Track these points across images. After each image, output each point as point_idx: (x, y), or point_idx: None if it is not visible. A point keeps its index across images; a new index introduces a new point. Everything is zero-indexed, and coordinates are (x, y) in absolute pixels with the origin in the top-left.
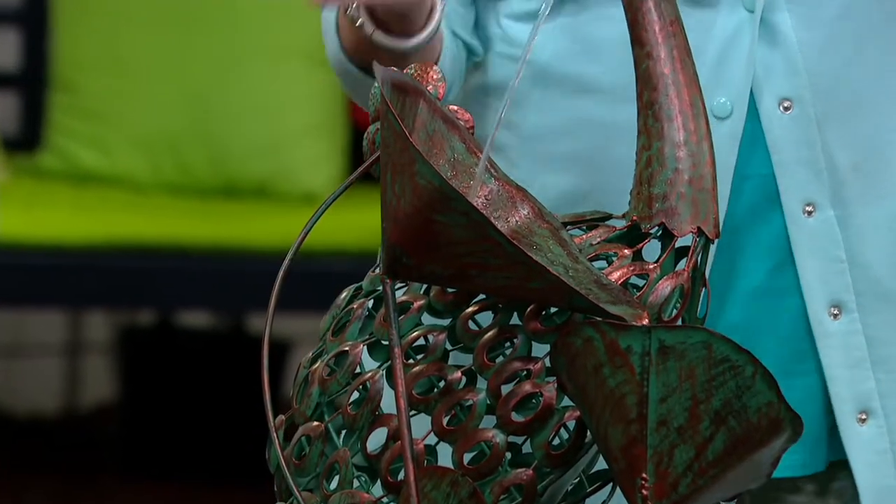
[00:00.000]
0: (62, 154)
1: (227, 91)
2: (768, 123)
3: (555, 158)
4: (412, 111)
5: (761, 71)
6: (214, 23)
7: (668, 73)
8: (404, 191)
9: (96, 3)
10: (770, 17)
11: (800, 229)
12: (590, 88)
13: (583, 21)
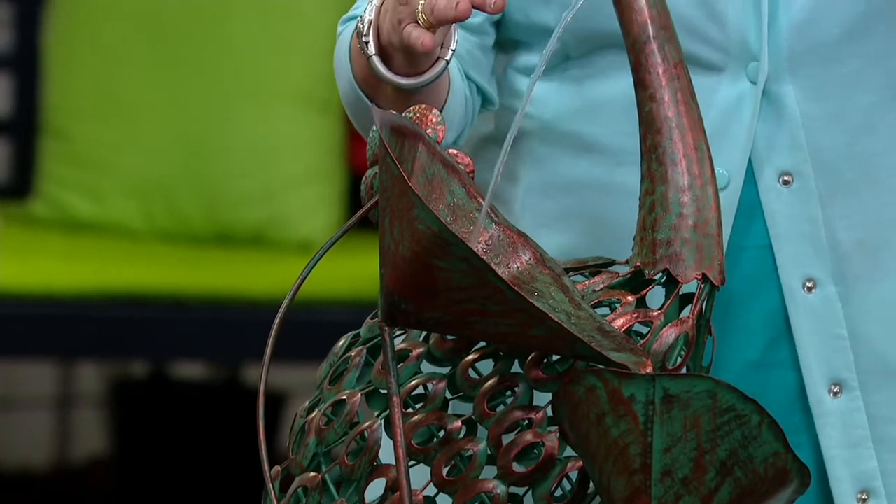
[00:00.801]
0: (54, 202)
1: (222, 137)
2: (767, 196)
3: (555, 215)
4: (411, 155)
5: (762, 143)
6: (208, 68)
7: (671, 117)
8: (403, 236)
9: (88, 49)
10: (774, 89)
11: (799, 305)
12: (591, 148)
13: (588, 81)
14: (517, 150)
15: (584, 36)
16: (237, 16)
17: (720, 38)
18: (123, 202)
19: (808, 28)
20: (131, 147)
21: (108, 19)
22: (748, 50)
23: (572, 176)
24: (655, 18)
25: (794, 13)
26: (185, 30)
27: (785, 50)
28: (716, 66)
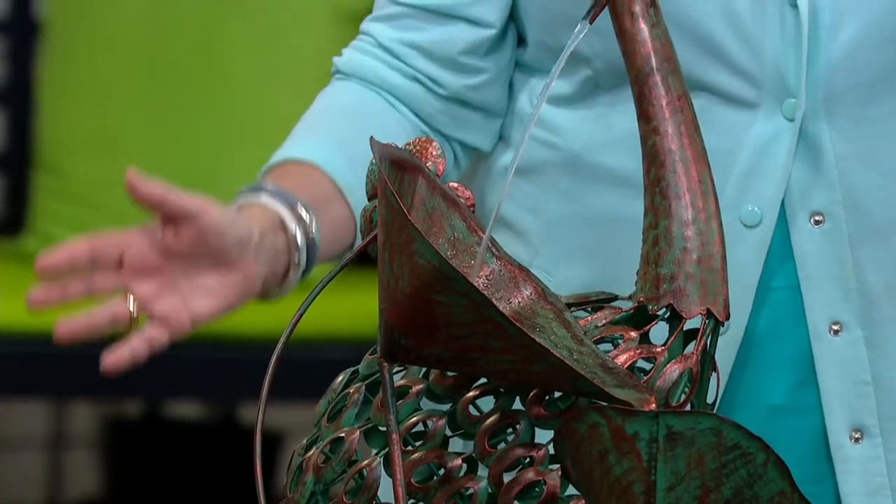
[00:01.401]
0: (47, 238)
1: (218, 173)
2: (798, 236)
3: (579, 249)
4: (411, 188)
5: (795, 182)
6: (204, 103)
7: (675, 150)
8: (403, 270)
9: (82, 84)
10: (808, 128)
11: (824, 348)
12: (619, 182)
13: (616, 113)
14: (538, 182)
15: (615, 65)
16: (234, 52)
17: (756, 71)
18: None
19: (848, 66)
20: (123, 183)
21: (103, 53)
22: (785, 86)
23: (599, 209)
24: (659, 50)
25: (834, 50)
26: (182, 65)
27: (822, 88)
28: (750, 101)
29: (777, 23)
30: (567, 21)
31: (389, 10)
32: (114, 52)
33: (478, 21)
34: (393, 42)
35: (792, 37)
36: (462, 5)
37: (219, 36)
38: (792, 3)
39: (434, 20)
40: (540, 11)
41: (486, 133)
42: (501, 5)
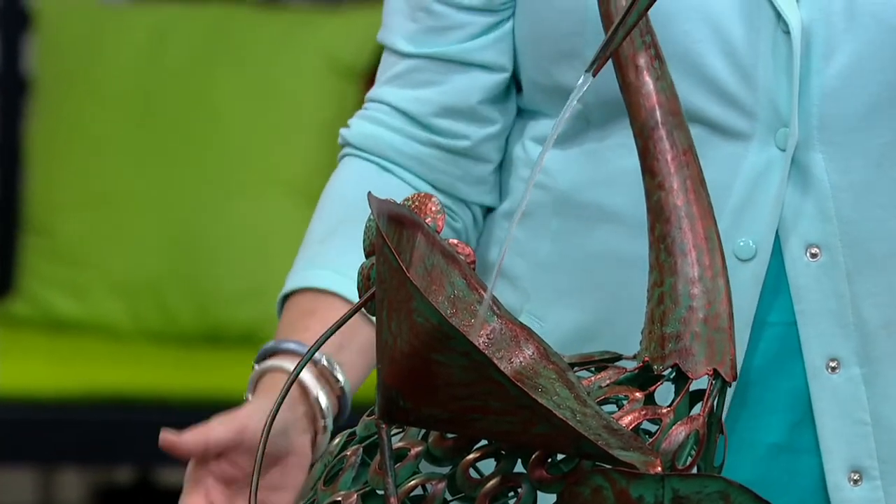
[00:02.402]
0: (35, 300)
1: (212, 231)
2: (793, 270)
3: (570, 291)
4: (409, 245)
5: (789, 214)
6: (197, 158)
7: (681, 205)
8: (401, 329)
9: (73, 140)
10: (802, 158)
11: (822, 386)
12: (610, 219)
13: (606, 149)
14: (528, 225)
15: (606, 100)
16: (228, 106)
17: (749, 100)
18: (109, 300)
19: (841, 95)
20: (117, 242)
21: (93, 109)
22: (778, 115)
23: (590, 248)
24: (664, 104)
25: (826, 78)
26: (174, 120)
27: (815, 117)
28: (743, 132)
29: (769, 50)
30: (559, 56)
31: (399, 68)
32: (104, 108)
33: (491, 66)
34: (408, 102)
35: (784, 64)
36: (474, 50)
37: (212, 89)
38: (784, 29)
39: (449, 70)
40: (532, 48)
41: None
42: (508, 48)
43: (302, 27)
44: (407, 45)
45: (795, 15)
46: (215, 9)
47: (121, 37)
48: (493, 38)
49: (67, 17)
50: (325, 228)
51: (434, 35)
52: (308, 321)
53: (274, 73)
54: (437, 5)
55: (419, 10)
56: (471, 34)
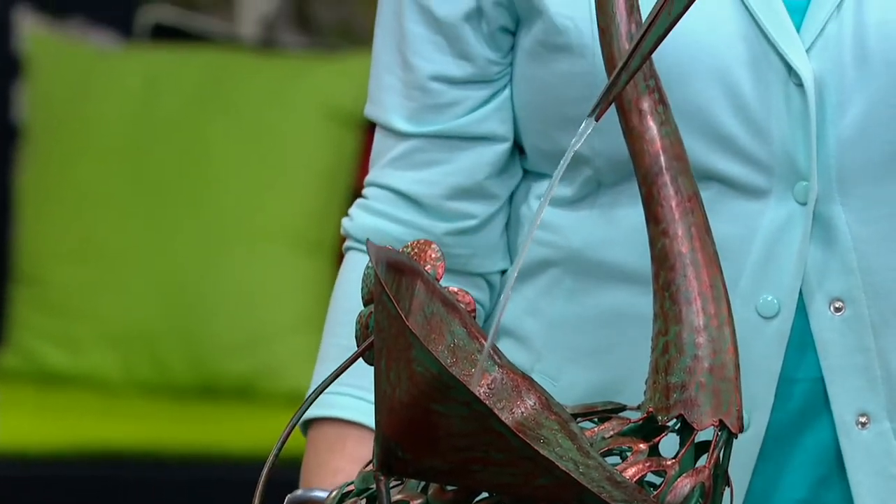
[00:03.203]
0: (26, 352)
1: (206, 281)
2: (818, 325)
3: (583, 351)
4: (409, 293)
5: (812, 268)
6: (190, 207)
7: (685, 253)
8: (400, 379)
9: (63, 190)
10: (823, 211)
11: (852, 442)
12: (625, 278)
13: (619, 207)
14: (539, 285)
15: (618, 161)
16: (222, 156)
17: (765, 156)
18: (101, 352)
19: (859, 145)
20: (109, 293)
21: (84, 158)
22: (795, 169)
23: (605, 308)
24: (668, 149)
25: (843, 129)
26: (166, 169)
27: (833, 168)
28: (761, 189)
29: (783, 103)
30: (563, 121)
31: (399, 149)
32: (96, 156)
33: (493, 137)
34: (413, 185)
35: (799, 117)
36: (475, 123)
37: (206, 136)
38: (797, 82)
39: (452, 147)
40: (536, 116)
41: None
42: (508, 116)
43: (298, 73)
44: (405, 124)
45: (807, 66)
46: (210, 54)
47: (113, 83)
48: (493, 109)
49: (59, 63)
50: (340, 343)
51: (432, 113)
52: (338, 460)
53: (270, 120)
54: (433, 83)
55: (414, 88)
56: (469, 108)
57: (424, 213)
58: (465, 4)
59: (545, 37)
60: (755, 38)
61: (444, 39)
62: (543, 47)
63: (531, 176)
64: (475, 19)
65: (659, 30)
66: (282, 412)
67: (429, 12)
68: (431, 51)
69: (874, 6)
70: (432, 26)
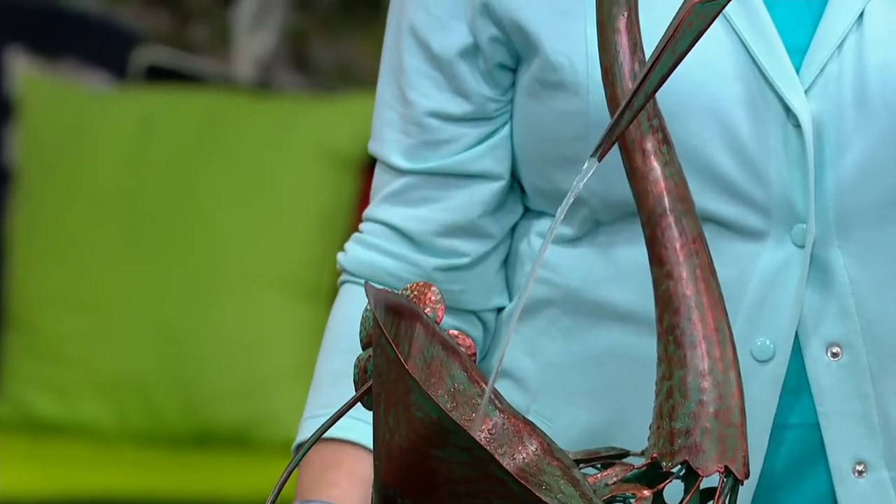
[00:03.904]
0: (17, 401)
1: (200, 328)
2: (814, 370)
3: (581, 391)
4: (408, 336)
5: (808, 312)
6: (184, 252)
7: (690, 295)
8: (399, 424)
9: (56, 234)
10: (820, 254)
11: (849, 490)
12: (623, 318)
13: (619, 247)
14: (537, 324)
15: (613, 201)
16: (217, 199)
17: (762, 198)
18: (93, 400)
19: (858, 187)
20: (102, 340)
21: (78, 201)
22: (793, 211)
23: (603, 348)
24: (672, 190)
25: (841, 172)
26: (161, 213)
27: (832, 211)
28: (758, 231)
29: (780, 145)
30: (559, 160)
31: (396, 185)
32: (89, 201)
33: (489, 175)
34: (407, 221)
35: (797, 159)
36: (471, 161)
37: (201, 179)
38: (795, 123)
39: (447, 185)
40: (533, 155)
41: (506, 287)
42: (505, 154)
43: (296, 114)
44: (402, 160)
45: (805, 108)
46: (205, 96)
47: (107, 126)
48: (489, 147)
49: (52, 106)
50: (335, 368)
51: (429, 149)
52: (334, 475)
53: (266, 163)
54: (430, 119)
55: (411, 123)
56: (466, 145)
57: (417, 249)
58: (461, 40)
59: (541, 74)
60: (753, 78)
61: (441, 75)
62: (540, 84)
63: (532, 213)
64: (472, 56)
65: (663, 68)
66: (278, 460)
67: (427, 47)
68: (429, 86)
69: (876, 47)
70: (430, 62)
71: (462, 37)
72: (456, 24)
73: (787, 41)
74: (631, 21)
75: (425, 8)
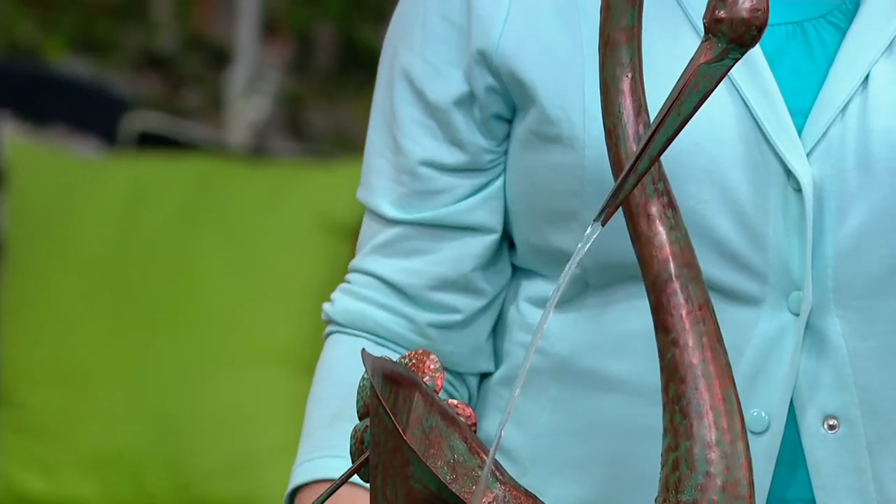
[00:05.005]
0: (4, 480)
1: (192, 404)
2: (810, 443)
3: (573, 463)
4: (406, 405)
5: (804, 382)
6: (175, 326)
7: (696, 364)
8: (397, 496)
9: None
10: (818, 323)
11: None
12: (615, 387)
13: (610, 312)
14: (525, 393)
15: (605, 263)
16: (210, 271)
17: (759, 263)
18: (82, 479)
19: (857, 254)
20: (90, 415)
21: (67, 273)
22: (790, 278)
23: (593, 418)
24: (678, 255)
25: (840, 239)
26: (151, 283)
27: (830, 279)
28: (754, 297)
29: (780, 209)
30: (553, 215)
31: (386, 236)
32: (78, 272)
33: (481, 227)
34: (398, 273)
35: (796, 224)
36: (463, 212)
37: (193, 251)
38: (795, 186)
39: (439, 237)
40: (527, 210)
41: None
42: (498, 207)
43: (290, 181)
44: (393, 210)
45: (806, 171)
46: (197, 163)
47: (97, 194)
48: (482, 198)
49: (40, 173)
50: (328, 412)
51: (421, 199)
52: None
53: (260, 232)
54: (423, 168)
55: (404, 172)
56: (458, 196)
57: (409, 303)
58: (456, 89)
59: (537, 126)
60: (755, 140)
61: (435, 124)
62: (535, 137)
63: (520, 273)
64: (467, 105)
65: (668, 131)
66: None
67: (421, 95)
68: (423, 135)
69: (881, 112)
70: (425, 110)
71: (458, 85)
72: (452, 72)
73: (789, 102)
74: (635, 82)
75: (420, 54)
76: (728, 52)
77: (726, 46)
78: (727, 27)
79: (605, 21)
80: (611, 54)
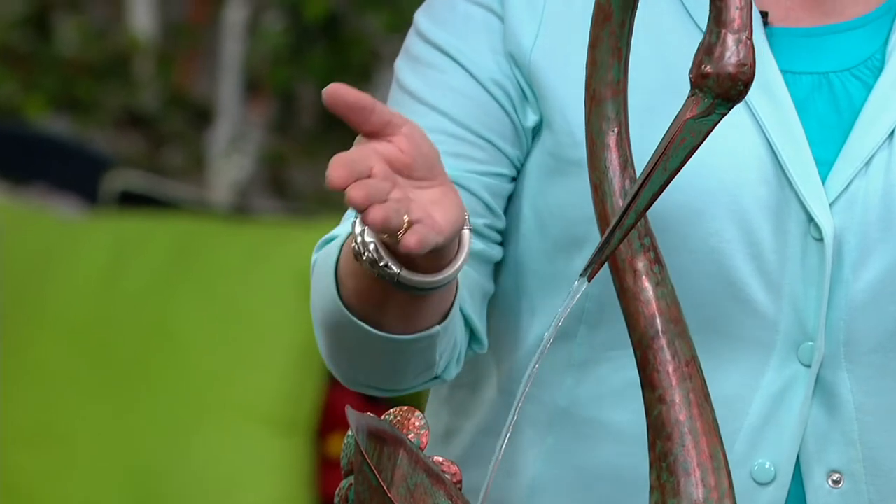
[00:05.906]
0: None
1: (173, 464)
2: (814, 497)
3: None
4: (391, 462)
5: (812, 435)
6: (157, 386)
7: (683, 421)
8: None
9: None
10: (827, 376)
11: None
12: (615, 438)
13: (607, 362)
14: (518, 443)
15: (604, 303)
16: (192, 327)
17: (773, 310)
18: None
19: (871, 309)
20: (72, 476)
21: (46, 334)
22: (802, 328)
23: (591, 469)
24: (664, 311)
25: (856, 293)
26: (132, 343)
27: (842, 332)
28: (764, 344)
29: (798, 257)
30: (570, 243)
31: None
32: (59, 332)
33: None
34: None
35: (814, 273)
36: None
37: (173, 312)
38: (816, 236)
39: None
40: (539, 235)
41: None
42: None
43: (273, 240)
44: None
45: (829, 221)
46: (179, 222)
47: (77, 254)
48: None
49: (21, 233)
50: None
51: None
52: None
53: (243, 291)
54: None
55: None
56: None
57: None
58: (495, 72)
59: (558, 149)
60: (778, 184)
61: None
62: (555, 160)
63: (511, 324)
64: (503, 88)
65: (654, 186)
66: None
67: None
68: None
69: None
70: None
71: (496, 70)
72: (491, 56)
73: (813, 152)
74: (621, 137)
75: (461, 37)
76: (715, 108)
77: (713, 101)
78: (714, 82)
79: (591, 76)
80: (597, 109)
